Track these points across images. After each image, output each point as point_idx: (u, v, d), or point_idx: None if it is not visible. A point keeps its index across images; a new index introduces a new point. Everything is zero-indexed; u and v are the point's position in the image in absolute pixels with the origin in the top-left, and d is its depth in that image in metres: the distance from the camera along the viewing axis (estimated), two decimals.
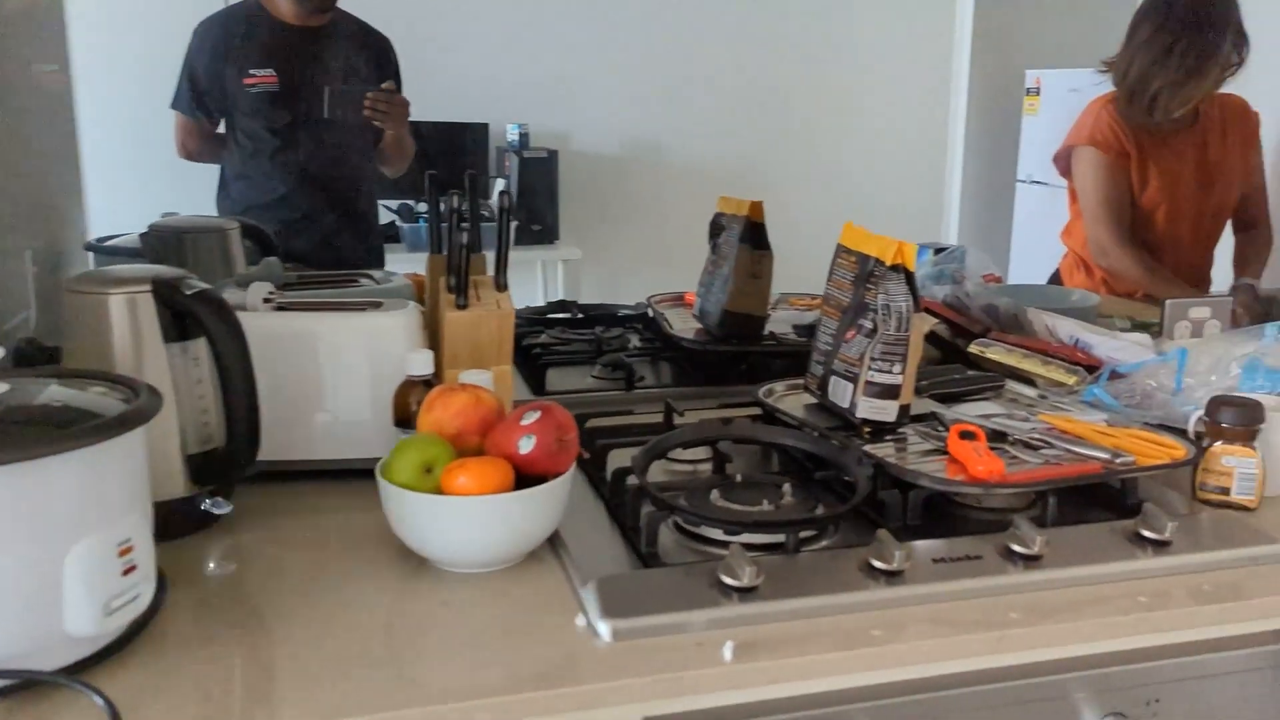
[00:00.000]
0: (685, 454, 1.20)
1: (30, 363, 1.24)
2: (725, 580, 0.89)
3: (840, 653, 0.84)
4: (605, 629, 0.84)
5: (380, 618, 0.88)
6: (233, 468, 1.00)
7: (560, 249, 3.85)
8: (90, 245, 1.61)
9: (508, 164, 3.86)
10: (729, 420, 1.26)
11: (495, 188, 3.87)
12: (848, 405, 1.20)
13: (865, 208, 4.28)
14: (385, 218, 3.43)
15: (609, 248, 4.16)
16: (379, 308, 1.17)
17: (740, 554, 0.90)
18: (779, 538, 0.98)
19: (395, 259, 2.94)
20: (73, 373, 0.90)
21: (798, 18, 4.27)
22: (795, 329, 1.66)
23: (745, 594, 0.88)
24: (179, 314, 0.98)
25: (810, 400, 1.30)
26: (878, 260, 1.19)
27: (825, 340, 1.27)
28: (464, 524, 0.92)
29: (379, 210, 2.74)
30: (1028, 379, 1.41)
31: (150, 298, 0.97)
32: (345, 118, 2.34)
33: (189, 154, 2.50)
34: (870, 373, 1.18)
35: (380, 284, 1.39)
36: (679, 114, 4.23)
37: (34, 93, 1.75)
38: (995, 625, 0.89)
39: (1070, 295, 1.96)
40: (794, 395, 1.34)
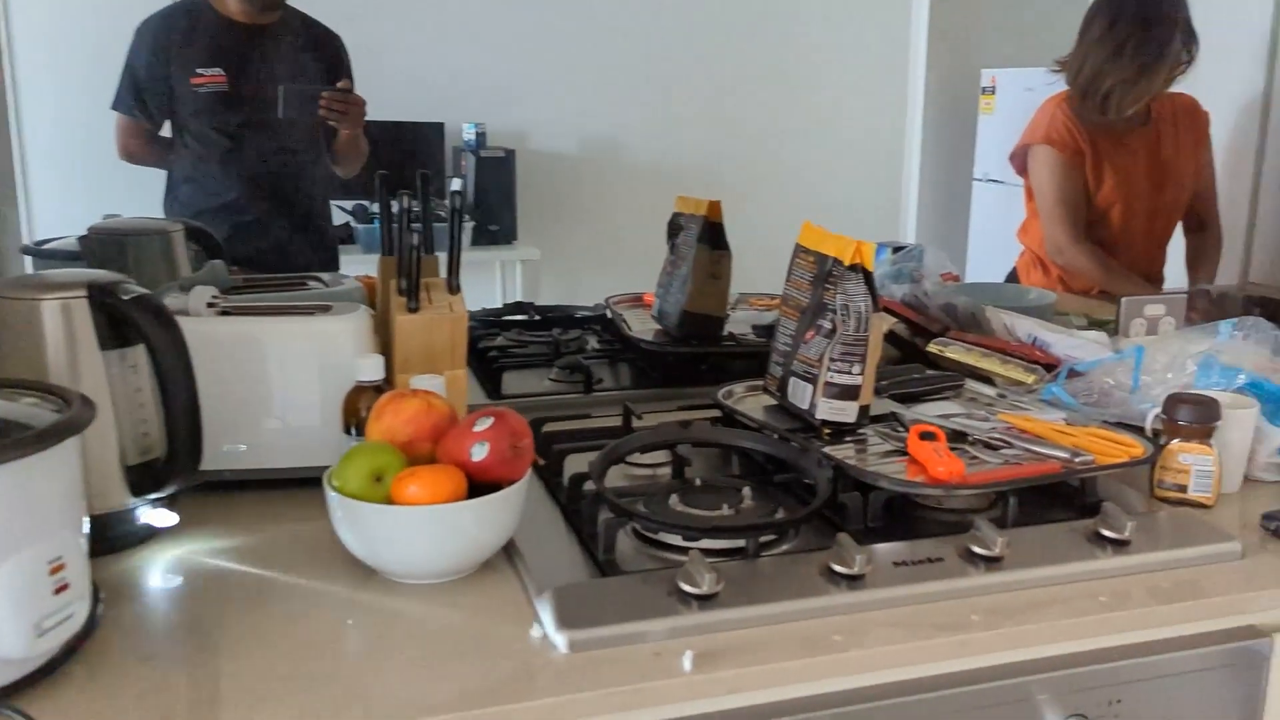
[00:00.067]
0: (644, 458, 1.19)
1: None
2: (684, 588, 0.87)
3: (801, 660, 0.83)
4: (561, 640, 0.82)
5: (328, 632, 0.85)
6: (174, 478, 0.97)
7: (518, 249, 3.82)
8: (27, 249, 1.56)
9: (464, 164, 3.83)
10: (688, 423, 1.24)
11: (451, 188, 3.83)
12: (807, 406, 1.19)
13: (823, 206, 4.30)
14: (340, 219, 3.38)
15: (567, 248, 4.13)
16: (327, 311, 1.14)
17: (699, 561, 0.88)
18: (739, 543, 0.96)
19: (350, 260, 2.90)
20: (2, 382, 0.86)
21: (755, 17, 4.27)
22: (754, 329, 1.64)
23: (705, 601, 0.86)
24: (116, 320, 0.95)
25: (770, 402, 1.29)
26: (836, 260, 1.18)
27: (784, 341, 1.26)
28: (415, 534, 0.89)
29: (332, 212, 2.69)
30: (987, 378, 1.41)
31: (85, 303, 0.93)
32: (300, 118, 2.29)
33: (130, 156, 2.43)
34: (829, 373, 1.17)
35: (330, 287, 1.36)
36: (637, 113, 4.21)
37: None
38: (957, 628, 0.88)
39: (1027, 293, 1.96)
40: (753, 397, 1.33)
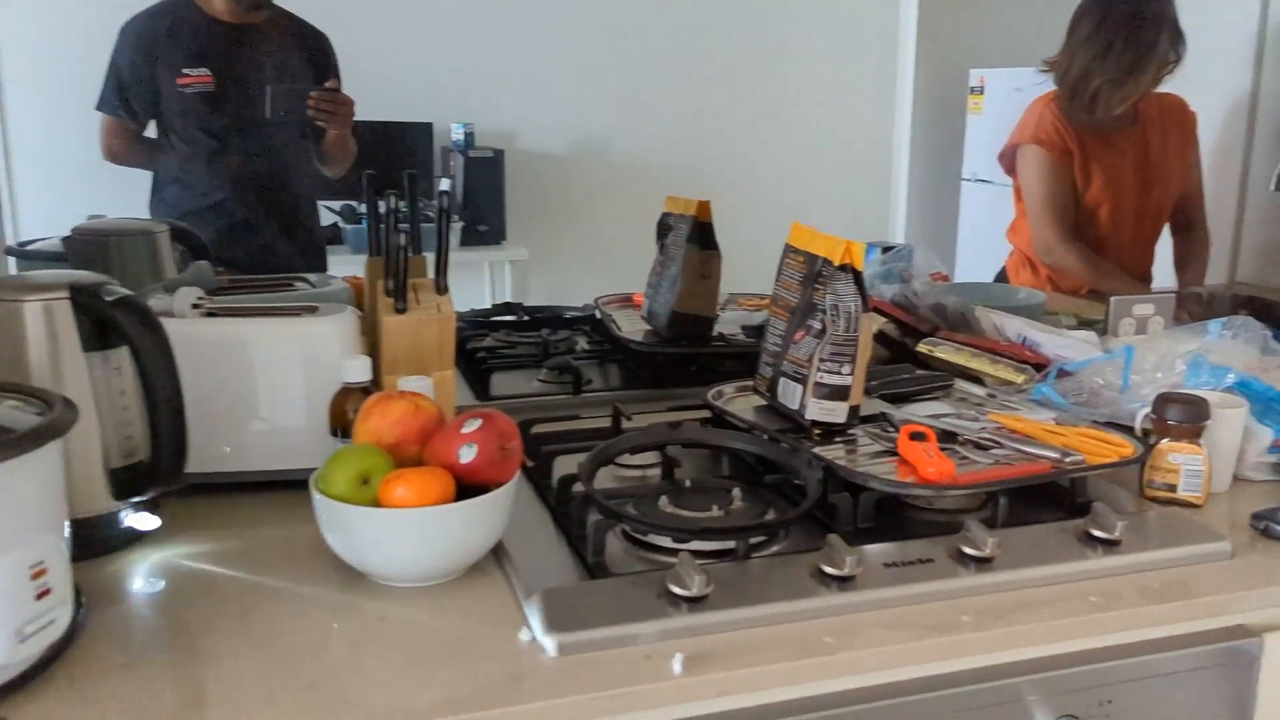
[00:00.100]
0: (633, 459, 1.18)
1: None
2: (674, 590, 0.86)
3: (792, 662, 0.83)
4: (550, 643, 0.82)
5: (315, 636, 0.84)
6: (158, 481, 0.95)
7: (507, 250, 3.81)
8: (10, 250, 1.54)
9: (453, 164, 3.81)
10: (677, 424, 1.23)
11: (439, 188, 3.81)
12: (797, 407, 1.18)
13: (812, 206, 4.30)
14: (328, 219, 3.37)
15: (557, 248, 4.12)
16: (314, 313, 1.13)
17: (689, 563, 0.88)
18: (729, 544, 0.96)
19: (338, 261, 2.88)
20: None
21: (744, 16, 4.27)
22: (744, 330, 1.64)
23: (695, 604, 0.86)
24: (99, 322, 0.94)
25: (759, 402, 1.29)
26: (826, 260, 1.18)
27: (774, 341, 1.25)
28: (402, 537, 0.89)
29: (320, 212, 2.68)
30: (976, 378, 1.40)
31: (68, 305, 0.92)
32: (288, 118, 2.27)
33: (115, 157, 2.40)
34: (819, 374, 1.16)
35: (317, 288, 1.35)
36: (627, 114, 4.20)
37: None
38: (948, 629, 0.88)
39: (1017, 293, 1.96)
40: (743, 397, 1.32)
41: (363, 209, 3.57)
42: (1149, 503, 1.13)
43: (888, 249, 1.92)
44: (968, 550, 0.95)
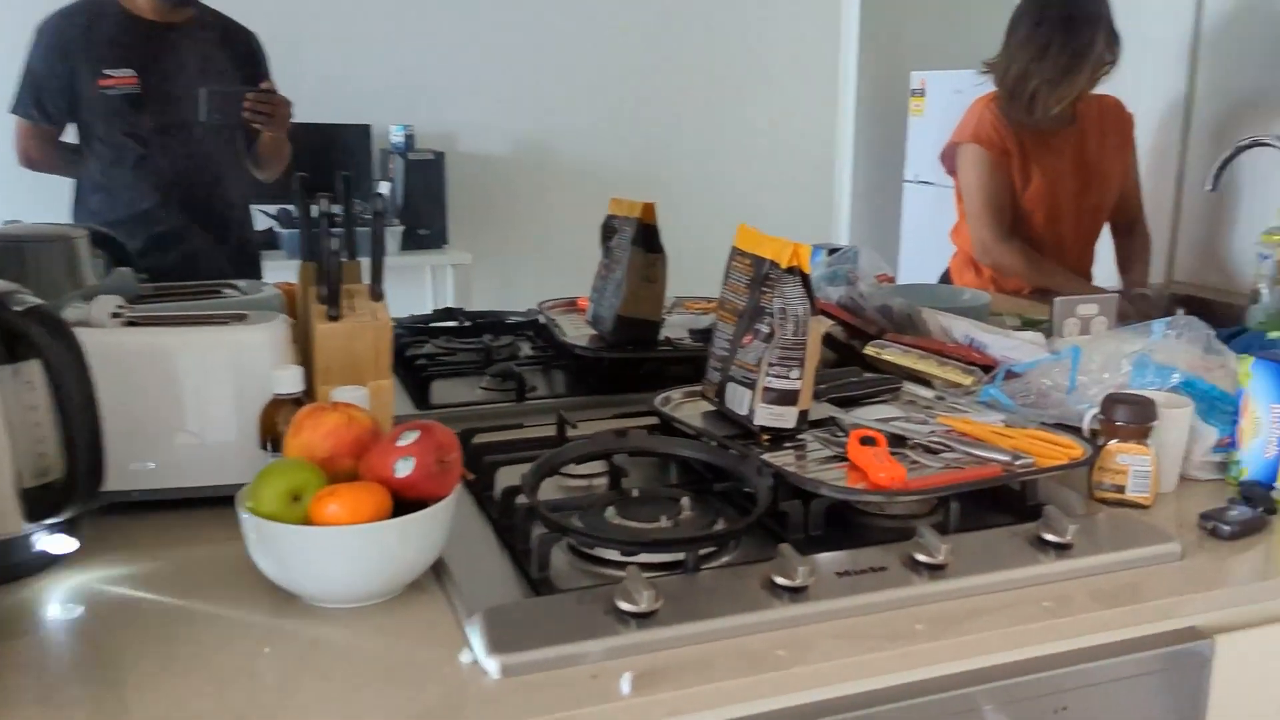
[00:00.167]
0: (579, 469, 1.15)
1: None
2: (622, 606, 0.83)
3: (745, 678, 0.80)
4: (493, 665, 0.78)
5: (244, 663, 0.80)
6: (73, 501, 0.90)
7: (449, 254, 3.75)
8: None
9: (392, 166, 3.74)
10: (624, 431, 1.20)
11: (377, 190, 3.74)
12: (746, 412, 1.16)
13: (756, 208, 4.30)
14: (263, 224, 3.28)
15: (500, 252, 4.07)
16: (242, 320, 1.08)
17: (638, 576, 0.85)
18: (678, 556, 0.93)
19: (274, 267, 2.80)
20: None
21: (686, 18, 4.26)
22: (691, 333, 1.62)
23: (643, 620, 0.83)
24: (9, 333, 0.88)
25: (708, 408, 1.26)
26: (773, 263, 1.16)
27: (722, 345, 1.23)
28: (335, 556, 0.85)
29: (255, 217, 2.60)
30: (924, 380, 1.39)
31: None
32: (223, 121, 2.19)
33: (31, 162, 2.30)
34: (768, 378, 1.14)
35: (247, 294, 1.29)
36: (568, 114, 4.17)
37: None
38: (901, 639, 0.86)
39: (962, 294, 1.97)
40: (691, 403, 1.30)
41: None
42: (1098, 504, 1.12)
43: (833, 250, 1.91)
44: (920, 557, 0.94)
